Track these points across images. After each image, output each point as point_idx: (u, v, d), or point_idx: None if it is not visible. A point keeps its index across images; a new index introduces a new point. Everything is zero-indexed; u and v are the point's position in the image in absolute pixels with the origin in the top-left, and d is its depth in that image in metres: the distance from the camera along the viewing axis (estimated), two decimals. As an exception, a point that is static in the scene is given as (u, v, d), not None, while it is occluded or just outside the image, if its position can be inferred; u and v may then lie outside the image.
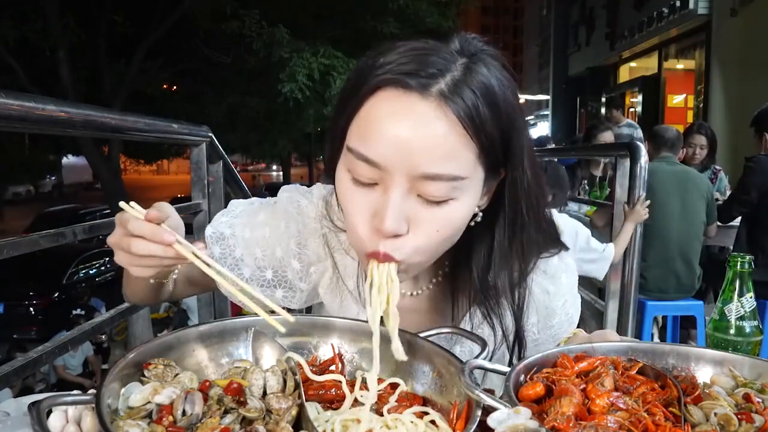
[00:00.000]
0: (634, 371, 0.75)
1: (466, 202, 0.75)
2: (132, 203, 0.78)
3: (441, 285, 0.94)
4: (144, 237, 0.73)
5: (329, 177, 0.84)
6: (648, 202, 2.72)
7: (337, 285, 0.96)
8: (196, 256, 0.74)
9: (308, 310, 1.08)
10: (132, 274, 0.78)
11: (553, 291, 0.95)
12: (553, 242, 0.92)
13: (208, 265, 0.74)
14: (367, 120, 0.72)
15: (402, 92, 0.70)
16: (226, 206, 1.04)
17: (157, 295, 0.98)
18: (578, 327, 1.00)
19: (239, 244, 0.95)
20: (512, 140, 0.76)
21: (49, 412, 0.68)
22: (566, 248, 0.95)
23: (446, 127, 0.70)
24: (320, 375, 0.79)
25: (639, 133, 5.68)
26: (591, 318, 2.97)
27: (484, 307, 0.89)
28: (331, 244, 0.95)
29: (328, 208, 0.94)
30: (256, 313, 0.74)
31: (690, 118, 12.32)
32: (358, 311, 0.95)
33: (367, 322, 0.83)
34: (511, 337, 0.92)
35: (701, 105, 11.48)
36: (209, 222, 1.02)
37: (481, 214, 0.81)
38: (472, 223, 0.81)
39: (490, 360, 0.84)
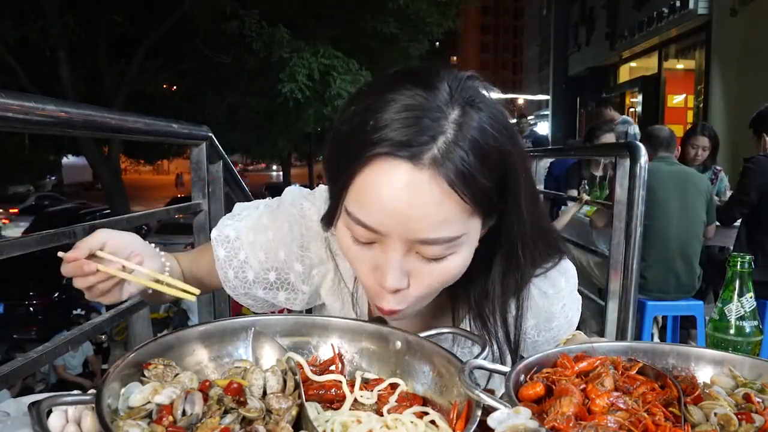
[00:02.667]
0: (634, 371, 0.75)
1: (465, 253, 0.78)
2: (60, 254, 0.90)
3: (442, 294, 0.94)
4: (74, 276, 0.87)
5: (329, 224, 0.83)
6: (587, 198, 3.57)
7: (339, 287, 0.98)
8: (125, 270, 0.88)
9: (308, 311, 1.08)
10: (101, 302, 0.90)
11: (552, 294, 0.95)
12: (552, 256, 0.94)
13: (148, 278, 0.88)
14: (363, 188, 0.73)
15: (395, 162, 0.70)
16: (226, 206, 1.06)
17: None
18: (578, 327, 1.01)
19: (244, 247, 0.97)
20: (508, 185, 0.77)
21: (49, 412, 0.68)
22: (565, 256, 0.96)
23: (440, 195, 0.70)
24: (320, 375, 0.79)
25: (635, 128, 5.64)
26: (591, 318, 2.96)
27: (480, 322, 0.92)
28: (333, 248, 0.96)
29: None
30: (255, 313, 0.75)
31: (690, 118, 12.31)
32: (358, 313, 0.97)
33: (366, 321, 0.84)
34: (504, 347, 0.93)
35: (701, 105, 11.47)
36: (209, 222, 1.03)
37: (477, 243, 0.82)
38: None
39: None
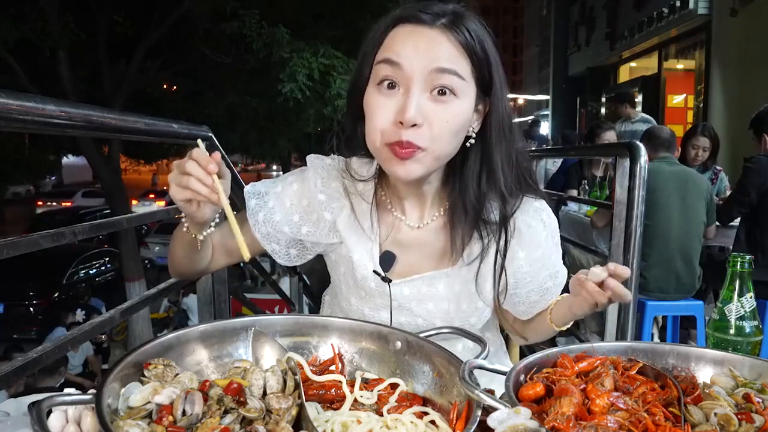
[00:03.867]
0: (634, 371, 0.75)
1: (466, 103, 0.96)
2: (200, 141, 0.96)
3: (442, 220, 1.11)
4: (197, 161, 0.91)
5: (350, 146, 1.09)
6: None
7: (354, 223, 1.12)
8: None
9: (322, 275, 1.21)
10: (171, 193, 0.93)
11: (535, 225, 1.10)
12: (533, 184, 1.12)
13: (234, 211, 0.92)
14: (390, 42, 0.96)
15: (415, 24, 0.95)
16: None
17: (194, 257, 1.10)
18: (578, 328, 1.02)
19: (272, 198, 1.15)
20: (493, 73, 0.99)
21: (49, 412, 0.68)
22: (543, 197, 1.13)
23: (449, 44, 0.94)
24: (320, 375, 0.79)
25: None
26: (591, 318, 2.96)
27: (477, 227, 1.05)
28: (349, 190, 1.13)
29: (347, 165, 1.15)
30: (255, 313, 0.75)
31: (690, 118, 12.29)
32: (371, 246, 1.11)
33: (366, 322, 0.84)
34: (500, 258, 1.07)
35: (701, 105, 11.46)
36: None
37: (474, 136, 1.01)
38: (468, 144, 1.01)
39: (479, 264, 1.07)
